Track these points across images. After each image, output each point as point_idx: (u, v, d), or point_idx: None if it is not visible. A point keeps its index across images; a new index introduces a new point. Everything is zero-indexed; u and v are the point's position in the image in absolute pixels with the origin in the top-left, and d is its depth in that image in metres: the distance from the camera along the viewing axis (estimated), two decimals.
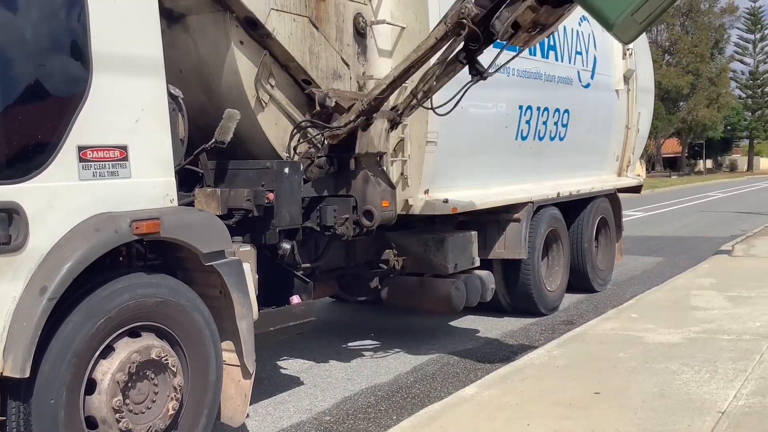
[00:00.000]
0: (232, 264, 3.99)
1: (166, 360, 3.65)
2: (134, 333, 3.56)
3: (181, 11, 5.01)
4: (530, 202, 7.56)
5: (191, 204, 4.68)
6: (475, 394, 5.09)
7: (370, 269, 6.55)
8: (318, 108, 5.16)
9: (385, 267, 6.52)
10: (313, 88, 5.23)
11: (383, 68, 6.08)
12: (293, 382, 5.99)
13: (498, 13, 4.61)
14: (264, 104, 5.14)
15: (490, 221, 7.47)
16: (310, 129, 5.23)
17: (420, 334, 7.30)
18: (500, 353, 6.73)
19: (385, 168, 5.53)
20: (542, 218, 7.88)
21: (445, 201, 6.31)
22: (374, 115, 5.19)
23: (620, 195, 10.27)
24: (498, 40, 4.86)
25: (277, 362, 6.51)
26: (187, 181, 4.84)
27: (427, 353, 6.74)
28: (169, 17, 5.07)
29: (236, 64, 4.94)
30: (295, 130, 5.20)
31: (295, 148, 5.17)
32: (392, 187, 5.45)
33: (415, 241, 6.52)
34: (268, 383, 5.90)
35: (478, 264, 6.86)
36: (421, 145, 6.18)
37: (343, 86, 5.64)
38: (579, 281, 9.16)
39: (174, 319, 3.70)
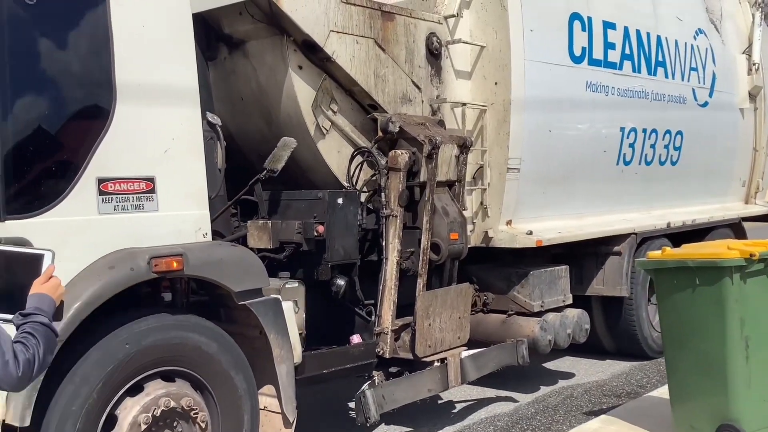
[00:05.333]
0: (268, 303, 3.71)
1: (196, 412, 3.38)
2: (137, 387, 3.32)
3: (241, 37, 4.86)
4: (633, 233, 6.85)
5: (244, 237, 4.48)
6: (599, 429, 4.80)
7: None
8: (380, 134, 4.83)
9: None
10: (375, 113, 4.90)
11: (460, 90, 5.70)
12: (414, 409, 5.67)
13: None
14: (325, 131, 4.88)
15: (587, 254, 6.83)
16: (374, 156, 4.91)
17: (539, 368, 6.83)
18: (627, 387, 6.30)
19: (457, 197, 5.09)
20: (649, 249, 7.09)
21: (529, 233, 5.78)
22: (438, 140, 4.78)
23: (749, 225, 9.23)
24: None
25: None
26: (248, 212, 4.66)
27: (550, 384, 6.40)
28: (230, 43, 4.95)
29: (294, 90, 4.71)
30: (356, 157, 4.89)
31: (352, 177, 4.85)
32: (462, 217, 5.02)
33: (497, 276, 6.01)
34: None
35: (569, 302, 6.24)
36: (501, 172, 5.71)
37: (413, 110, 5.28)
38: None
39: (198, 364, 3.44)
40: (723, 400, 4.21)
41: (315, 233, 4.23)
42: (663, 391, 5.20)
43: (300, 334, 4.09)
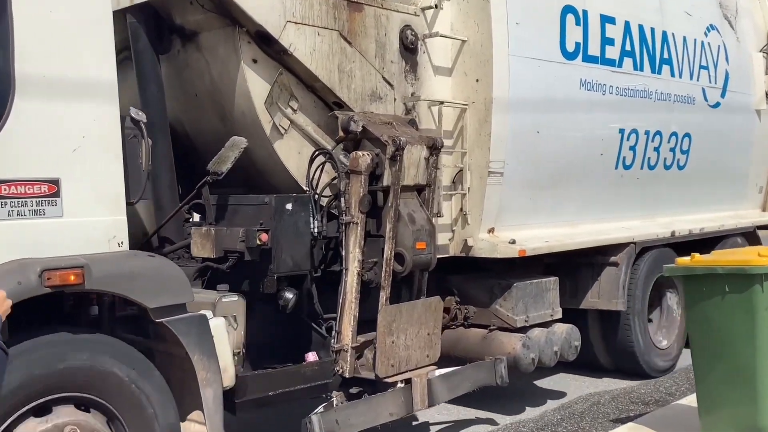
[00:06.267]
0: (191, 320, 3.33)
1: None
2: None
3: (193, 28, 4.51)
4: (632, 242, 6.37)
5: (188, 246, 4.13)
6: None
7: None
8: (341, 133, 4.44)
9: (446, 316, 5.64)
10: (337, 111, 4.52)
11: (439, 88, 5.29)
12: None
13: None
14: (283, 130, 4.50)
15: (582, 265, 6.38)
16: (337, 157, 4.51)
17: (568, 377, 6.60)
18: (655, 395, 6.09)
19: (426, 203, 4.68)
20: (650, 262, 6.63)
21: (512, 242, 5.34)
22: (402, 140, 4.38)
23: (765, 233, 8.70)
24: None
25: None
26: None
27: (577, 391, 6.26)
28: (183, 35, 4.61)
29: (247, 85, 4.35)
30: (317, 159, 4.51)
31: (312, 180, 4.47)
32: (431, 225, 4.60)
33: (479, 288, 5.59)
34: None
35: (558, 316, 5.79)
36: (482, 175, 5.29)
37: (384, 109, 4.89)
38: None
39: (98, 386, 3.07)
40: (752, 410, 4.14)
41: (258, 242, 3.85)
42: (692, 400, 5.09)
43: (237, 354, 3.72)
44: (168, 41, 4.63)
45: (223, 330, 3.51)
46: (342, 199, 4.36)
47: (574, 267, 6.38)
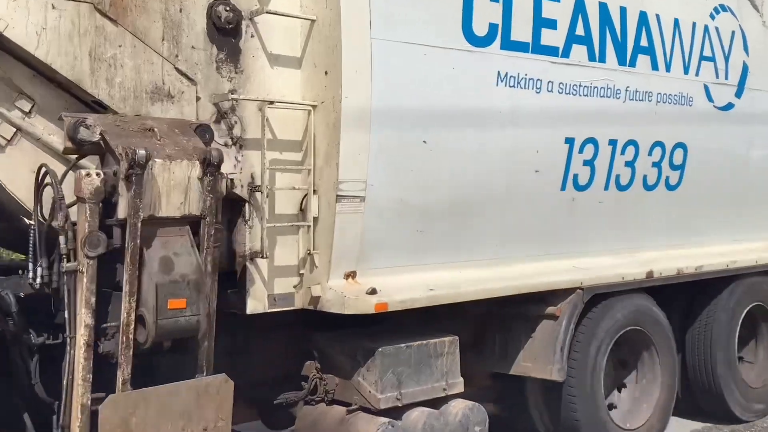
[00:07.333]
0: None
1: None
2: None
3: None
4: (578, 287, 4.77)
5: None
6: None
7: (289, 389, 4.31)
8: (68, 144, 3.15)
9: (305, 386, 4.25)
10: (64, 113, 3.22)
11: (280, 84, 3.94)
12: None
13: None
14: (3, 141, 3.26)
15: (514, 317, 4.85)
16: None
17: None
18: None
19: (200, 242, 3.31)
20: (609, 313, 5.00)
21: (371, 291, 3.89)
22: (140, 153, 3.04)
23: None
24: None
25: None
26: None
27: None
28: None
29: None
30: (43, 177, 3.24)
31: (41, 210, 3.21)
32: (198, 273, 3.21)
33: (343, 351, 4.16)
34: None
35: (457, 390, 4.27)
36: (331, 201, 3.88)
37: (178, 111, 3.59)
38: (711, 404, 6.01)
39: None
40: None
41: None
42: None
43: None
44: None
45: None
46: (62, 239, 3.07)
47: (507, 319, 4.87)
